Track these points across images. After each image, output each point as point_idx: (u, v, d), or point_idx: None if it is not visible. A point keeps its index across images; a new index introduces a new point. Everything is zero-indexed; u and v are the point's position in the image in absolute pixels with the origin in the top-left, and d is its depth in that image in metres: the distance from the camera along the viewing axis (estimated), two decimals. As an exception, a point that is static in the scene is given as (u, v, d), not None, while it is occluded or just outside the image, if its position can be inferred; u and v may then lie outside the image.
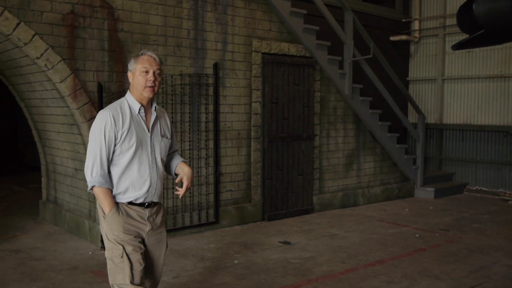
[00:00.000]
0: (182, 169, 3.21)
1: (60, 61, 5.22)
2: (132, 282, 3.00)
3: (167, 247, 3.30)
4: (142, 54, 3.07)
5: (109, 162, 2.99)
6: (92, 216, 5.71)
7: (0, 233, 6.26)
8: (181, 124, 6.14)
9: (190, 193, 6.25)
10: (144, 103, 3.06)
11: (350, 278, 4.80)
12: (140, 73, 3.01)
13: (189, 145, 6.23)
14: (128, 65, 3.11)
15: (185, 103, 6.18)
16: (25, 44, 5.02)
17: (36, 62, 5.16)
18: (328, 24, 7.53)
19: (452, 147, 10.01)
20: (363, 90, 8.24)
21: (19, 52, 5.26)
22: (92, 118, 5.41)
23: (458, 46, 0.89)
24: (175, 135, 3.40)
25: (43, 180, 6.93)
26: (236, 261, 5.23)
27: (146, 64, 3.01)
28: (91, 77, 5.46)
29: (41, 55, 5.12)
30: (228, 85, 6.59)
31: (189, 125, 6.22)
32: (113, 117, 2.96)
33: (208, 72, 6.37)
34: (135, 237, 3.03)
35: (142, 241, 3.10)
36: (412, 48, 10.46)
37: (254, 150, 6.87)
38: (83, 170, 5.72)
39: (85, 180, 5.71)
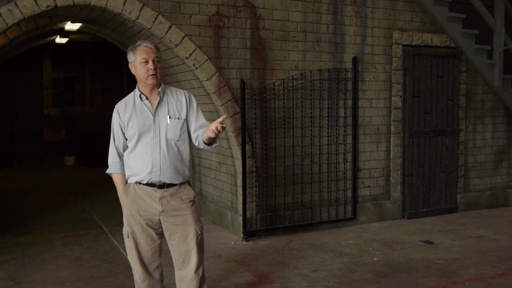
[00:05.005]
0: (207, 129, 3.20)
1: (206, 60, 5.53)
2: (139, 262, 3.29)
3: (198, 235, 3.30)
4: (138, 45, 3.22)
5: (123, 148, 3.31)
6: (234, 208, 5.99)
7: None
8: (319, 119, 6.17)
9: (327, 188, 6.27)
10: (149, 90, 3.24)
11: (501, 283, 4.47)
12: (140, 63, 3.17)
13: (327, 140, 6.24)
14: (128, 57, 3.25)
15: (324, 98, 6.20)
16: (176, 45, 5.40)
17: (185, 62, 5.52)
18: (475, 11, 7.04)
19: None
20: (515, 81, 7.60)
21: (170, 53, 5.67)
22: (236, 113, 5.66)
23: None
24: (200, 111, 3.37)
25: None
26: (375, 258, 5.14)
27: (144, 54, 3.16)
28: (234, 74, 5.70)
29: (190, 55, 5.46)
30: (368, 79, 6.48)
31: (328, 120, 6.23)
32: (118, 109, 3.29)
33: (347, 66, 6.32)
34: (145, 219, 3.24)
35: (159, 223, 3.27)
36: None
37: (394, 146, 6.68)
38: (226, 164, 6.06)
39: (228, 174, 6.05)
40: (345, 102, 6.32)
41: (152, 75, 3.18)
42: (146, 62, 3.17)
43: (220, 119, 3.10)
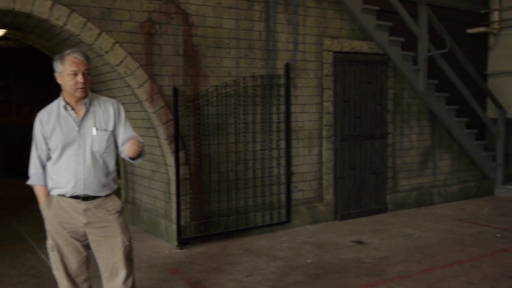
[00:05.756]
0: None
1: (138, 67, 5.48)
2: (66, 276, 3.22)
3: (126, 246, 3.24)
4: (67, 55, 3.10)
5: (47, 159, 3.19)
6: (168, 216, 5.95)
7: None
8: (253, 125, 6.25)
9: (261, 193, 6.35)
10: (75, 100, 3.16)
11: (427, 278, 4.71)
12: (68, 75, 3.07)
13: (261, 146, 6.33)
14: (54, 67, 3.14)
15: (257, 104, 6.28)
16: (106, 52, 5.31)
17: (116, 69, 5.44)
18: (401, 19, 7.36)
19: (536, 143, 9.48)
20: (438, 86, 7.99)
21: (101, 60, 5.57)
22: (169, 121, 5.64)
23: None
24: (128, 122, 3.31)
25: (122, 182, 7.27)
26: (308, 261, 5.27)
27: (73, 66, 3.06)
28: (167, 81, 5.68)
29: (121, 62, 5.39)
30: (300, 85, 6.63)
31: (261, 126, 6.32)
32: (41, 119, 3.17)
33: (280, 72, 6.44)
34: (69, 231, 3.19)
35: (85, 235, 3.22)
36: (491, 40, 9.99)
37: (326, 150, 6.87)
38: (159, 172, 6.02)
39: (161, 181, 6.01)
40: (278, 108, 6.44)
41: (81, 88, 3.09)
42: (75, 74, 3.06)
43: (133, 141, 3.10)
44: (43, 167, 3.23)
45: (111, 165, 3.25)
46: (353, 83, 7.04)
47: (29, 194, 8.70)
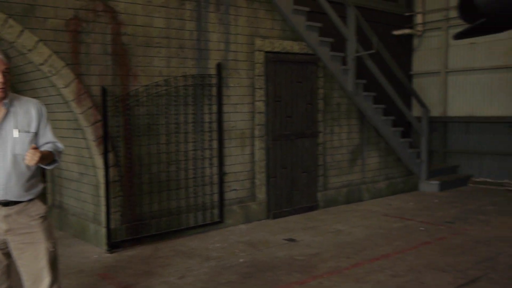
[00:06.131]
0: None
1: (64, 66, 5.29)
2: None
3: (50, 253, 3.13)
4: None
5: None
6: (98, 219, 5.80)
7: None
8: (185, 125, 6.20)
9: (194, 193, 6.32)
10: None
11: (355, 273, 4.86)
12: None
13: (193, 146, 6.29)
14: None
15: (189, 104, 6.24)
16: (29, 50, 5.09)
17: (40, 68, 5.23)
18: (330, 20, 7.54)
19: (456, 139, 10.02)
20: (366, 86, 8.26)
21: (23, 59, 5.33)
22: (97, 121, 5.49)
23: (460, 35, 0.92)
24: (49, 126, 3.18)
25: (48, 185, 7.01)
26: (241, 260, 5.30)
27: None
28: (95, 81, 5.53)
29: (45, 61, 5.19)
30: (232, 85, 6.64)
31: (193, 126, 6.28)
32: None
33: (211, 72, 6.42)
34: None
35: (5, 243, 3.09)
36: (415, 42, 10.45)
37: (258, 149, 6.93)
38: (87, 174, 5.86)
39: (90, 184, 5.84)
40: (210, 108, 6.42)
41: (0, 88, 2.93)
42: None
43: (31, 150, 2.92)
44: None
45: (34, 168, 3.11)
46: (284, 82, 7.15)
47: None
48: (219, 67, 6.46)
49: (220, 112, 6.48)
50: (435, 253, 5.44)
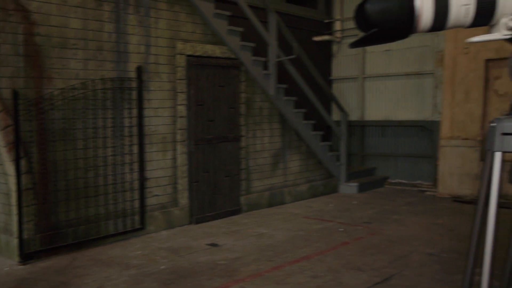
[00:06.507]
0: None
1: (-30, 67, 4.98)
2: None
3: None
4: None
5: None
6: (9, 230, 5.48)
7: None
8: (103, 129, 6.01)
9: (114, 200, 6.14)
10: None
11: (276, 275, 4.92)
12: None
13: (112, 151, 6.12)
14: None
15: (108, 108, 6.06)
16: None
17: None
18: (252, 25, 7.62)
19: (373, 142, 10.44)
20: (288, 90, 8.41)
21: None
22: (8, 126, 5.20)
23: (354, 44, 0.95)
24: None
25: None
26: (162, 267, 5.22)
27: None
28: (6, 83, 5.23)
29: (-51, 61, 4.85)
30: (153, 89, 6.53)
31: (112, 131, 6.11)
32: None
33: (131, 75, 6.28)
34: None
35: None
36: (334, 48, 10.79)
37: (180, 153, 6.86)
38: (-2, 182, 5.52)
39: (0, 193, 5.51)
40: (130, 112, 6.27)
41: None
42: None
43: None
44: None
45: None
46: (206, 86, 7.12)
47: None
48: (139, 70, 6.33)
49: (140, 116, 6.35)
50: (353, 253, 5.63)
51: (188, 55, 6.91)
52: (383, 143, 10.29)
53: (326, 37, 10.31)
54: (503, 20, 0.99)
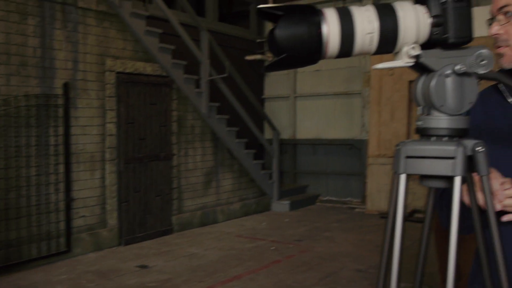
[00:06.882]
0: None
1: None
2: None
3: None
4: None
5: None
6: None
7: None
8: (26, 148, 5.76)
9: (37, 222, 5.87)
10: None
11: (207, 298, 4.87)
12: None
13: (36, 171, 5.86)
14: None
15: (32, 126, 5.81)
16: None
17: None
18: (184, 43, 7.60)
19: (305, 160, 10.62)
20: (220, 109, 8.43)
21: None
22: None
23: (267, 68, 0.97)
24: None
25: None
26: (89, 291, 5.03)
27: None
28: None
29: None
30: (80, 106, 6.34)
31: (36, 149, 5.86)
32: None
33: (58, 92, 6.07)
34: None
35: None
36: (266, 67, 10.92)
37: (109, 173, 6.67)
38: None
39: None
40: (56, 130, 6.05)
41: None
42: None
43: None
44: None
45: None
46: (137, 104, 7.01)
47: None
48: (66, 87, 6.13)
49: (67, 135, 6.13)
50: (285, 271, 5.66)
51: (118, 72, 6.78)
52: (314, 161, 10.49)
53: (258, 56, 10.44)
54: (405, 49, 1.04)
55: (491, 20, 1.42)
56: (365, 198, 9.40)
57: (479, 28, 1.41)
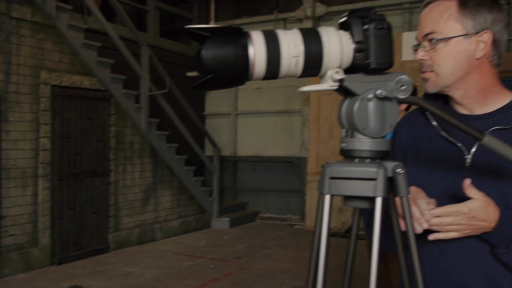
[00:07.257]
0: None
1: None
2: None
3: None
4: None
5: None
6: None
7: None
8: (-48, 163, 5.47)
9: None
10: None
11: (142, 318, 4.75)
12: None
13: (-38, 187, 5.58)
14: None
15: (-42, 140, 5.54)
16: None
17: None
18: (124, 57, 7.48)
19: (245, 177, 10.65)
20: (160, 125, 8.32)
21: None
22: None
23: (195, 88, 0.97)
24: None
25: None
26: (17, 314, 4.79)
27: None
28: None
29: None
30: (12, 119, 6.10)
31: (-37, 164, 5.58)
32: None
33: (-13, 105, 5.83)
34: None
35: None
36: (208, 83, 10.93)
37: (42, 189, 6.43)
38: None
39: None
40: (-16, 144, 5.79)
41: None
42: None
43: None
44: None
45: None
46: (73, 118, 6.82)
47: None
48: (-3, 99, 5.90)
49: (-3, 149, 5.88)
50: (223, 289, 5.63)
51: (54, 85, 6.58)
52: (254, 178, 10.54)
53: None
54: (329, 73, 1.07)
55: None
56: (305, 215, 9.51)
57: (411, 52, 1.48)
